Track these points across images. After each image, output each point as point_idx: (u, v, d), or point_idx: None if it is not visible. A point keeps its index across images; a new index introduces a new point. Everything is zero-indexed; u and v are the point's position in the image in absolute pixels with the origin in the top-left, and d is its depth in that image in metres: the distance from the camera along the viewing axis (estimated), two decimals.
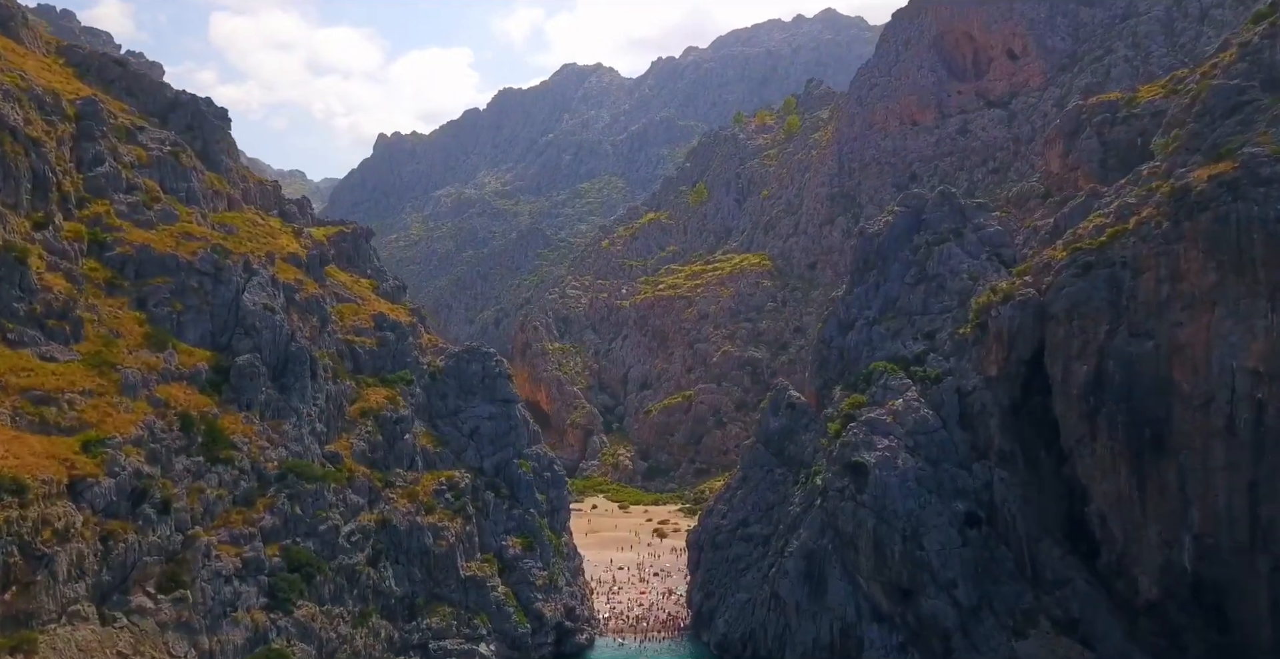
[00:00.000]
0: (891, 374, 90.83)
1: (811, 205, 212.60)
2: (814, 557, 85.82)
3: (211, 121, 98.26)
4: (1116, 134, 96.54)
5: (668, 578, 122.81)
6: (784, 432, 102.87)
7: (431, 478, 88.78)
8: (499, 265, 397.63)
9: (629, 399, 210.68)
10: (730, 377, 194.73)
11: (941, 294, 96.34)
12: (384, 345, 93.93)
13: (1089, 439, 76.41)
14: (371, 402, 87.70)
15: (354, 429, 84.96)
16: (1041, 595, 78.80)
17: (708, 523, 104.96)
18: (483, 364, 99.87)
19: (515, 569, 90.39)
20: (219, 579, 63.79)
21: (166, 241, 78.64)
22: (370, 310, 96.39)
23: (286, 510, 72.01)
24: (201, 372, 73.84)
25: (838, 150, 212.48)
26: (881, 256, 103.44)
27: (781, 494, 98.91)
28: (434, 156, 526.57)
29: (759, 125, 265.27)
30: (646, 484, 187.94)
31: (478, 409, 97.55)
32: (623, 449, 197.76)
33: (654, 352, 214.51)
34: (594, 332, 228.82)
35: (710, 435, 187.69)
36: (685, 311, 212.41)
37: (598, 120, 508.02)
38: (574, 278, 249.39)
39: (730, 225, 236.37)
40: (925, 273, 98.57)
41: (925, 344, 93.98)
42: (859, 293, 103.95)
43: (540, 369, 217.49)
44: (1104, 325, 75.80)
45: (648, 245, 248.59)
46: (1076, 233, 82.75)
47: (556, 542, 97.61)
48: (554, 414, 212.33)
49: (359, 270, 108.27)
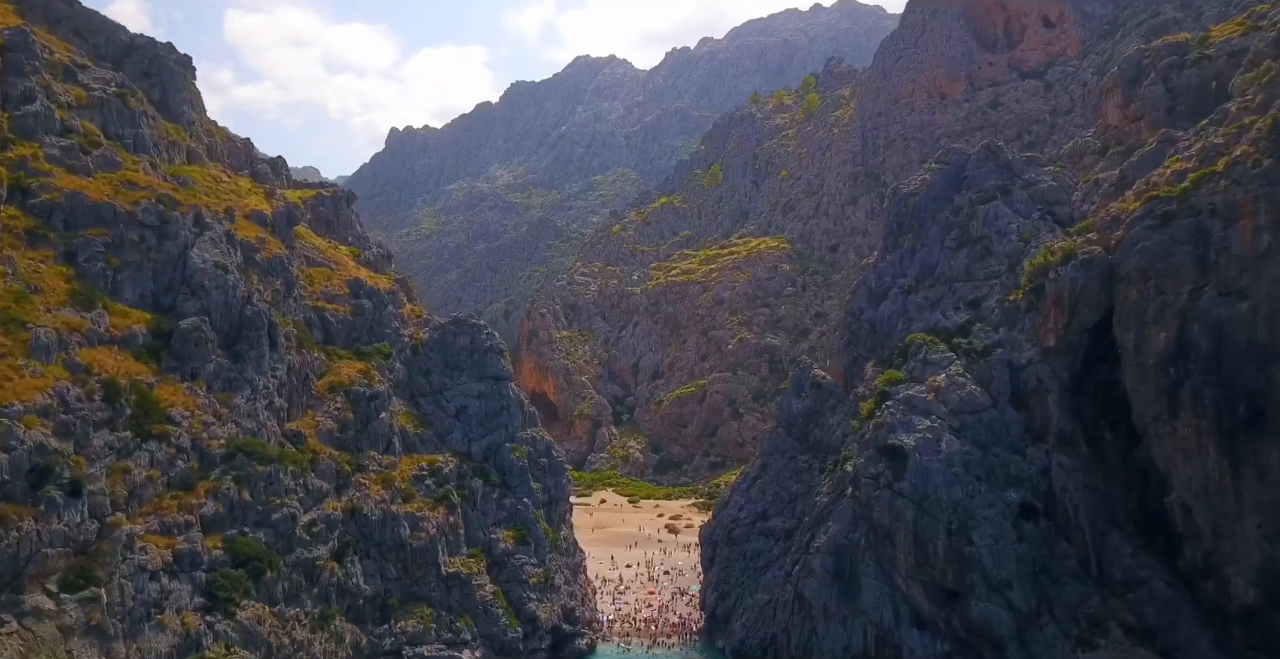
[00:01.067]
0: (932, 347, 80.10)
1: (833, 185, 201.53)
2: (844, 553, 75.39)
3: (172, 68, 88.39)
4: (1186, 78, 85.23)
5: (679, 577, 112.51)
6: (808, 414, 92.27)
7: (410, 462, 78.69)
8: (509, 257, 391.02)
9: (640, 389, 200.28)
10: (747, 365, 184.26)
11: (987, 258, 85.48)
12: (359, 314, 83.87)
13: (1168, 417, 65.58)
14: (343, 376, 77.61)
15: (321, 406, 74.93)
16: (1110, 599, 68.12)
17: (723, 516, 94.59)
18: (471, 337, 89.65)
19: (506, 566, 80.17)
20: (142, 575, 53.74)
21: (103, 190, 68.86)
22: (345, 276, 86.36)
23: (232, 496, 61.93)
24: (138, 335, 63.97)
25: (861, 127, 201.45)
26: (918, 219, 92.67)
27: (806, 483, 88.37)
28: (446, 150, 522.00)
29: (777, 105, 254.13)
30: (658, 478, 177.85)
31: (465, 387, 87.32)
32: (633, 441, 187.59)
33: (666, 339, 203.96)
34: (603, 319, 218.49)
35: (725, 427, 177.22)
36: (699, 297, 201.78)
37: (611, 112, 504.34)
38: (583, 264, 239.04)
39: (747, 208, 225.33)
40: (968, 235, 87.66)
41: (969, 314, 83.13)
42: (892, 260, 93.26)
43: (547, 358, 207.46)
44: (1187, 284, 64.99)
45: (660, 230, 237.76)
46: (1151, 181, 71.71)
47: (554, 536, 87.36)
48: (561, 405, 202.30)
49: (338, 237, 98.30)
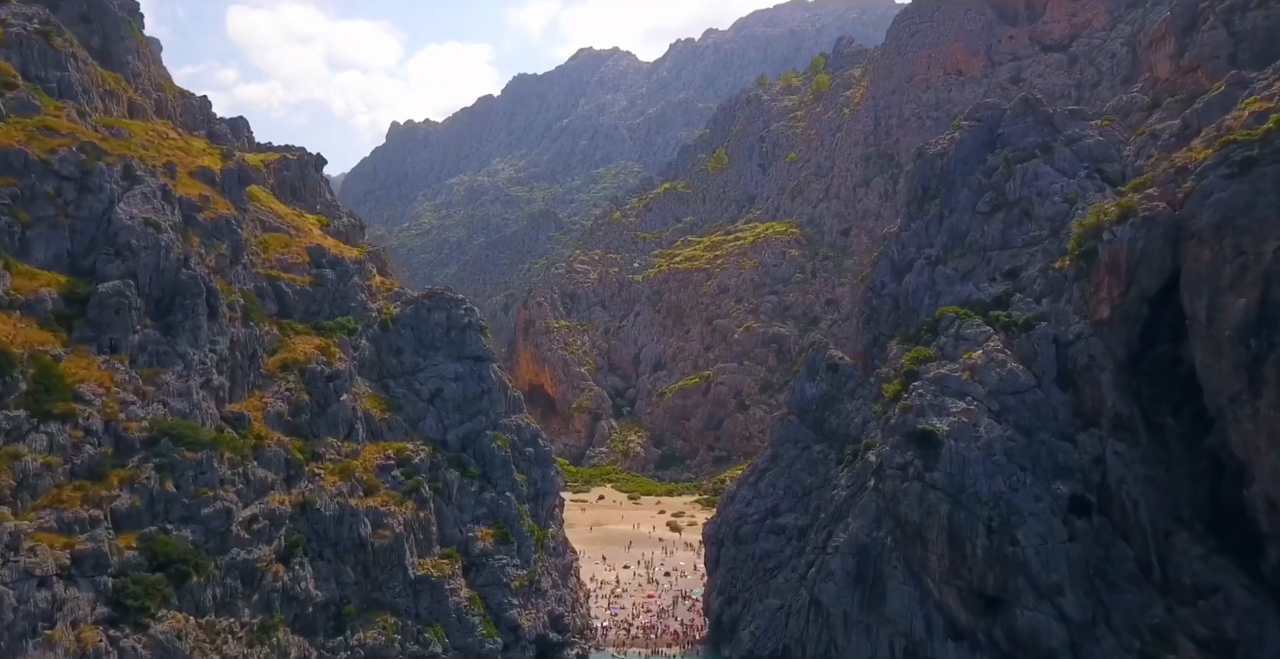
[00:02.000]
0: (966, 321, 70.76)
1: (844, 167, 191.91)
2: (868, 553, 66.24)
3: (114, 14, 79.40)
4: (1251, 22, 75.73)
5: (681, 579, 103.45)
6: (824, 399, 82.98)
7: (376, 450, 69.65)
8: (509, 250, 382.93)
9: (641, 381, 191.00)
10: (753, 355, 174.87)
11: (1026, 222, 76.06)
12: (321, 285, 74.76)
13: (1248, 397, 56.12)
14: (298, 352, 68.50)
15: (271, 386, 65.83)
16: (1178, 607, 58.81)
17: (729, 512, 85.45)
18: (448, 312, 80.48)
19: (484, 567, 71.12)
20: (28, 581, 44.60)
21: (13, 135, 59.78)
22: (306, 243, 77.21)
23: (153, 487, 52.80)
24: (45, 300, 54.97)
25: (873, 106, 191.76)
26: (946, 182, 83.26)
27: (822, 476, 79.15)
28: (447, 144, 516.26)
29: (784, 87, 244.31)
30: (660, 473, 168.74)
31: (441, 368, 78.19)
32: (634, 435, 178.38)
33: (669, 329, 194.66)
34: (603, 308, 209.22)
35: (731, 420, 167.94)
36: (703, 285, 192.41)
37: (614, 104, 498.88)
38: (583, 252, 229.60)
39: (753, 193, 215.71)
40: (1004, 197, 78.25)
41: (1007, 284, 73.77)
42: (917, 228, 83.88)
43: (544, 349, 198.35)
44: (1272, 241, 55.51)
45: (663, 216, 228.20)
46: (1223, 126, 62.14)
47: (540, 534, 78.25)
48: (559, 397, 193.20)
49: (305, 204, 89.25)
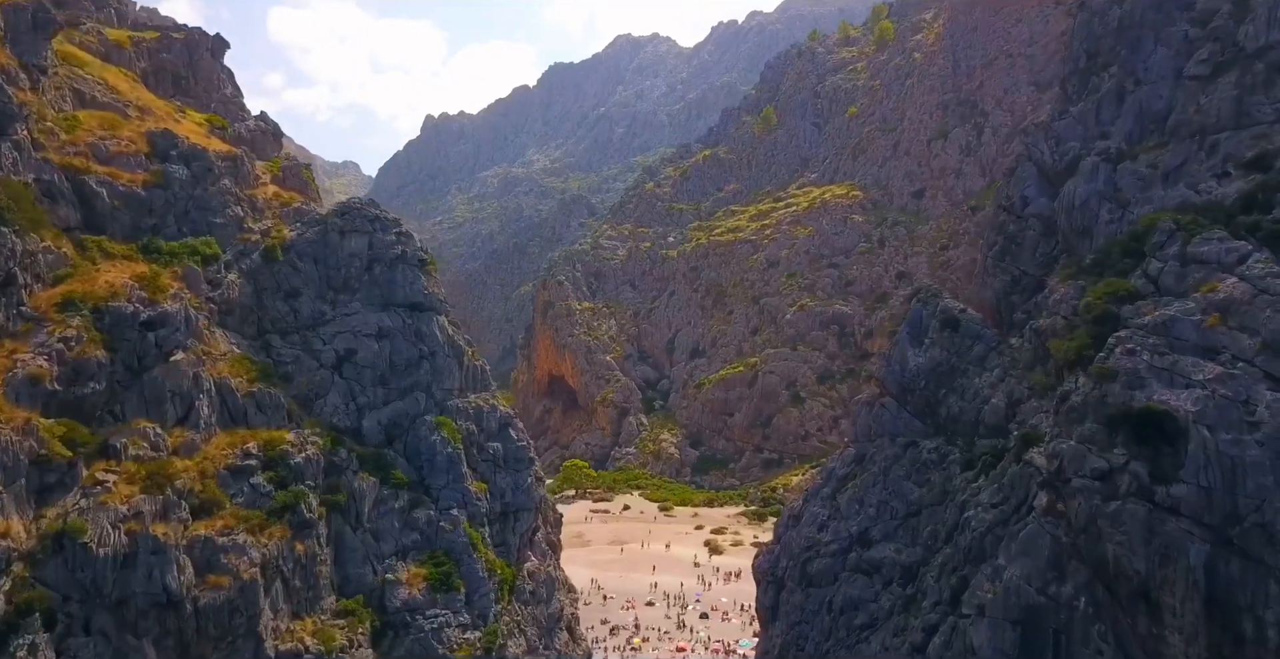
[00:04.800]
0: (1196, 232, 42.64)
1: (916, 119, 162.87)
2: (1040, 620, 38.76)
3: None
4: None
5: (724, 623, 76.52)
6: (938, 372, 55.07)
7: (228, 444, 43.36)
8: (537, 237, 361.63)
9: (676, 370, 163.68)
10: (809, 339, 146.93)
11: (1274, 84, 47.61)
12: (164, 188, 48.72)
13: None
14: (97, 284, 42.49)
15: (38, 334, 39.87)
16: None
17: (793, 538, 58.22)
18: (371, 237, 53.99)
19: (408, 629, 44.58)
20: None
21: None
22: (146, 127, 51.16)
23: None
24: None
25: (951, 46, 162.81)
26: (1128, 40, 55.08)
27: (938, 487, 51.35)
28: (482, 136, 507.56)
29: (841, 38, 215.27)
30: (698, 479, 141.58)
31: (357, 319, 51.80)
32: (667, 433, 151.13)
33: (708, 310, 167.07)
34: (633, 288, 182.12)
35: (783, 415, 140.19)
36: (749, 259, 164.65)
37: (653, 90, 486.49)
38: (611, 227, 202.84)
39: (807, 155, 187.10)
40: (1235, 49, 49.84)
41: (1251, 178, 45.36)
42: (1082, 111, 55.76)
43: (565, 334, 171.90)
44: None
45: (702, 186, 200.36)
46: None
47: (508, 573, 51.53)
48: (581, 389, 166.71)
49: (197, 101, 63.56)
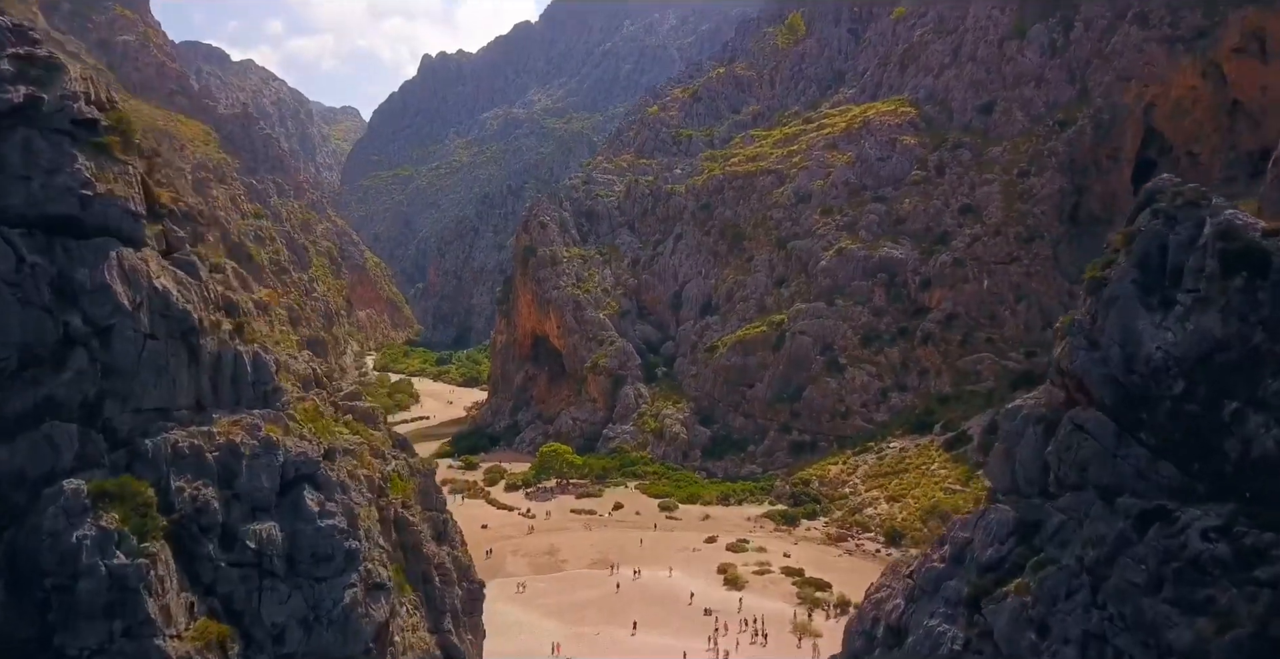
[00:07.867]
0: None
1: (983, 14, 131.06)
2: None
3: None
4: None
5: None
6: (1215, 365, 25.89)
7: None
8: (534, 179, 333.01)
9: (683, 330, 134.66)
10: (850, 291, 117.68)
11: None
12: None
13: None
14: None
15: None
16: None
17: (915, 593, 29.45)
18: None
19: None
20: None
21: None
22: None
23: None
24: None
25: None
26: None
27: (1240, 612, 22.36)
28: (481, 76, 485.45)
29: None
30: (709, 465, 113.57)
31: None
32: (672, 408, 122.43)
33: (722, 257, 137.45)
34: (631, 231, 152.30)
35: (816, 387, 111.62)
36: (773, 193, 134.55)
37: (662, 23, 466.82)
38: (606, 159, 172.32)
39: (842, 68, 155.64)
40: None
41: None
42: None
43: (549, 286, 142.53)
44: None
45: (715, 108, 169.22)
46: None
47: None
48: (569, 352, 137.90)
49: None
